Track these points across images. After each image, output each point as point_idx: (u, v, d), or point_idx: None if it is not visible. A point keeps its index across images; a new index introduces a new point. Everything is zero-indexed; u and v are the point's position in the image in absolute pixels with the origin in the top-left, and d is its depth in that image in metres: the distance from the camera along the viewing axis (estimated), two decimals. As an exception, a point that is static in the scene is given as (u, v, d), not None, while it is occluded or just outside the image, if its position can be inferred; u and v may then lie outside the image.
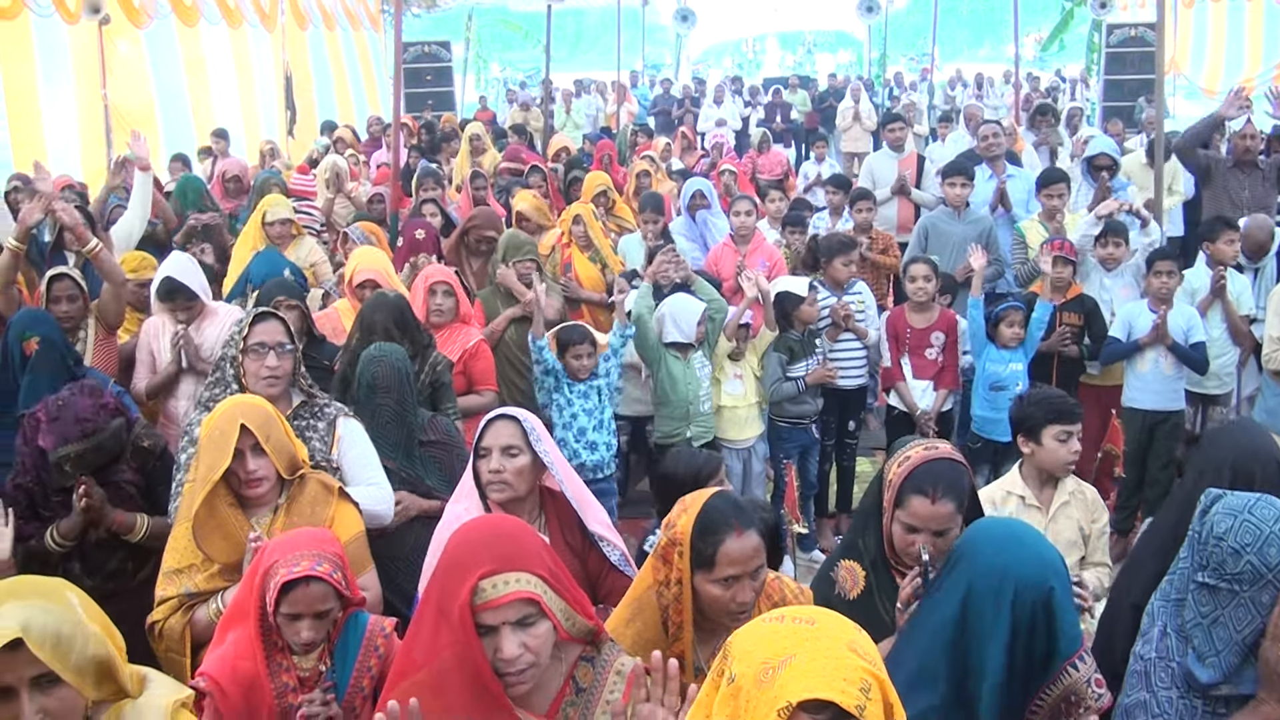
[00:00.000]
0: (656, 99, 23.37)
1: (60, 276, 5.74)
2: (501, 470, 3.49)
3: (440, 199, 8.88)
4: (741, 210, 7.91)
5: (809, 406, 6.70)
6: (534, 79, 29.91)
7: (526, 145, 13.60)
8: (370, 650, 3.18)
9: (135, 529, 4.21)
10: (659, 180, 10.35)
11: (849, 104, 18.47)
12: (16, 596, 2.18)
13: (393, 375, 4.43)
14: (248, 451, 3.47)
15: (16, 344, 4.89)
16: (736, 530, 2.79)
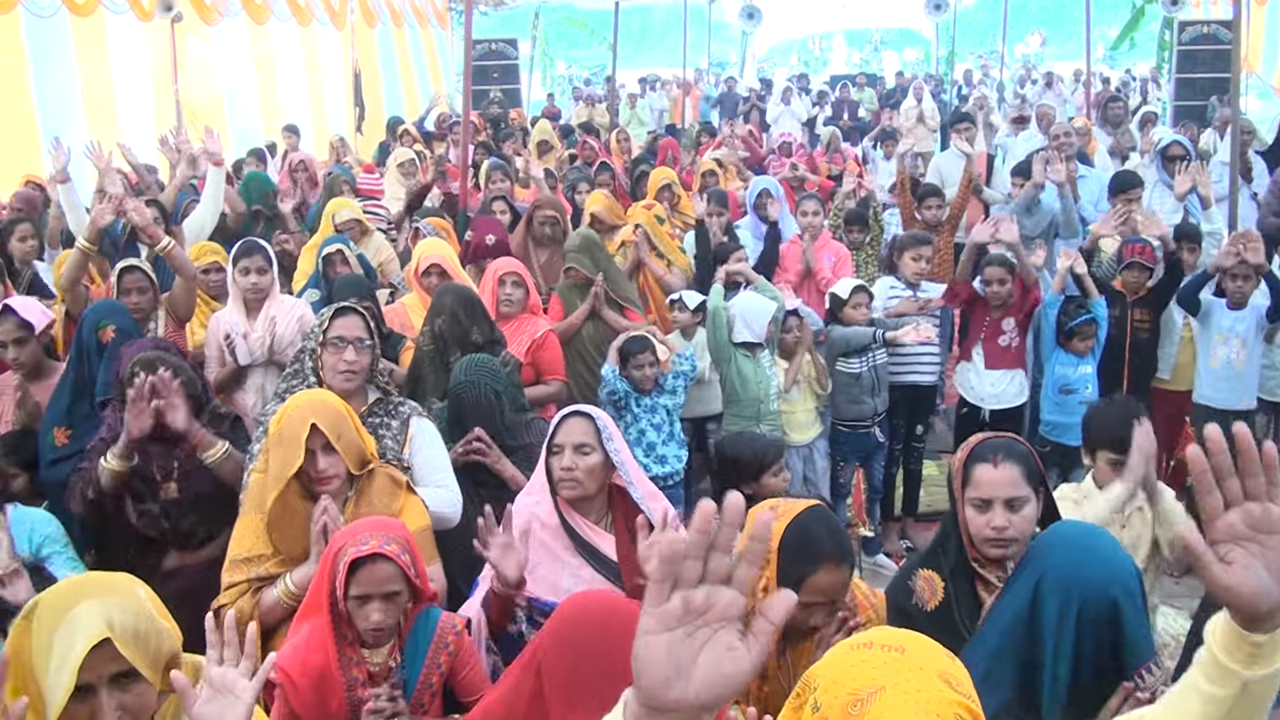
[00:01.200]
0: (721, 97, 23.27)
1: (131, 269, 5.83)
2: (573, 468, 3.48)
3: (509, 194, 8.90)
4: (809, 210, 7.86)
5: (867, 406, 6.62)
6: (598, 76, 29.96)
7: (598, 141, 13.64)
8: (441, 647, 3.18)
9: (214, 449, 4.24)
10: (726, 179, 10.31)
11: (911, 103, 18.29)
12: (90, 595, 2.19)
13: (480, 406, 4.39)
14: (318, 451, 3.48)
15: (92, 334, 4.93)
16: (830, 564, 2.77)
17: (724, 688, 1.33)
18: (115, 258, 6.73)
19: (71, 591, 2.21)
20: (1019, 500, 2.98)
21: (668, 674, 1.32)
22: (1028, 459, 3.07)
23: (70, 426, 4.83)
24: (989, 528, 2.97)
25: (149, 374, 4.12)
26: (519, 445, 4.50)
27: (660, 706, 1.33)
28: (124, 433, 4.13)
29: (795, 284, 7.58)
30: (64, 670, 2.08)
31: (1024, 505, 2.98)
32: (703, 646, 1.34)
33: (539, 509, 3.53)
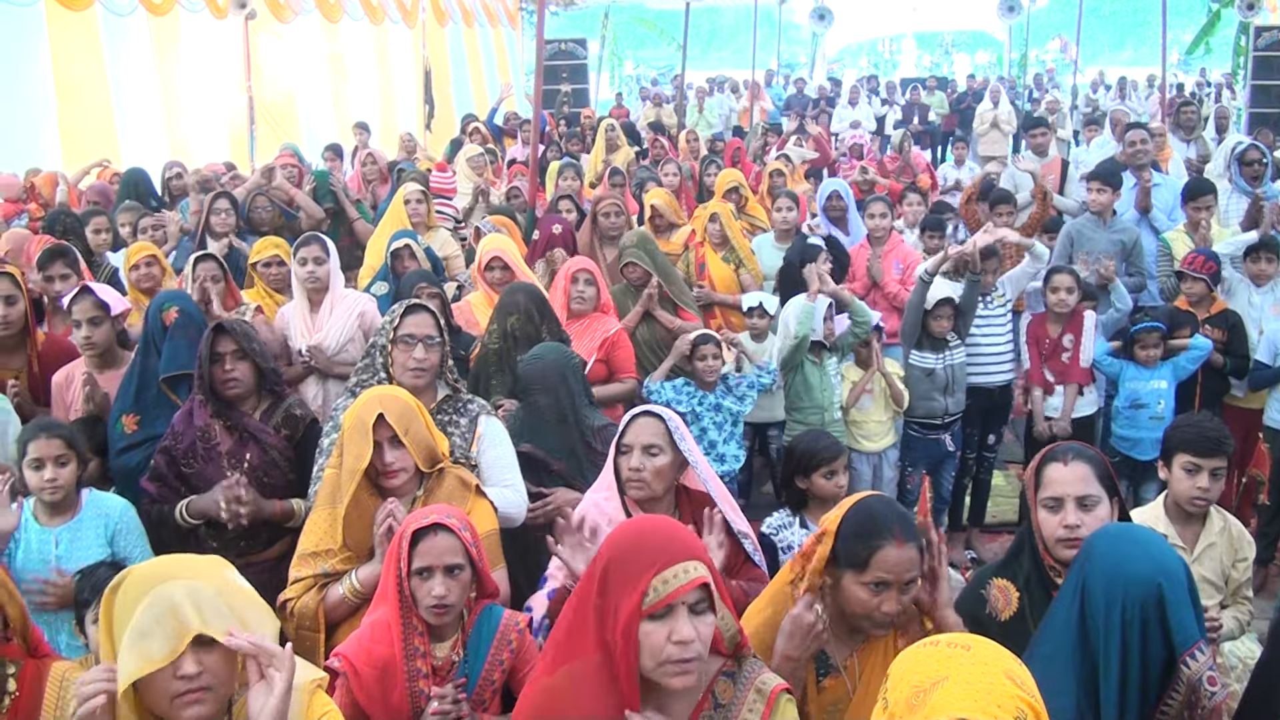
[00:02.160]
0: (790, 98, 23.15)
1: (205, 257, 5.96)
2: (641, 469, 3.47)
3: (577, 194, 8.92)
4: (876, 213, 7.79)
5: (938, 404, 6.52)
6: (666, 76, 29.95)
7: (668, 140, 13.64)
8: (503, 644, 3.20)
9: (296, 515, 4.33)
10: (794, 181, 10.26)
11: (987, 106, 18.10)
12: (175, 576, 2.25)
13: (546, 375, 4.44)
14: (385, 444, 3.50)
15: (157, 317, 4.97)
16: (898, 540, 2.73)
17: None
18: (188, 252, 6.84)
19: (160, 567, 2.28)
20: (1091, 499, 2.98)
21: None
22: (1099, 461, 3.07)
23: (139, 414, 4.88)
24: (1061, 526, 2.96)
25: (235, 331, 4.32)
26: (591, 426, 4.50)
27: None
28: (204, 506, 4.24)
29: (861, 293, 7.51)
30: (155, 641, 2.16)
31: (1096, 505, 2.98)
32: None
33: (607, 506, 3.52)
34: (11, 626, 2.83)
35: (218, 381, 4.35)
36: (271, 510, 4.32)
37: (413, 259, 6.49)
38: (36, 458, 4.05)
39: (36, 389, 5.38)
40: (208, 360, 4.32)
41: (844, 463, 4.54)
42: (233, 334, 4.36)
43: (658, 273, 6.46)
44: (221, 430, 4.37)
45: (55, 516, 4.12)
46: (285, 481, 4.43)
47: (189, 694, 2.21)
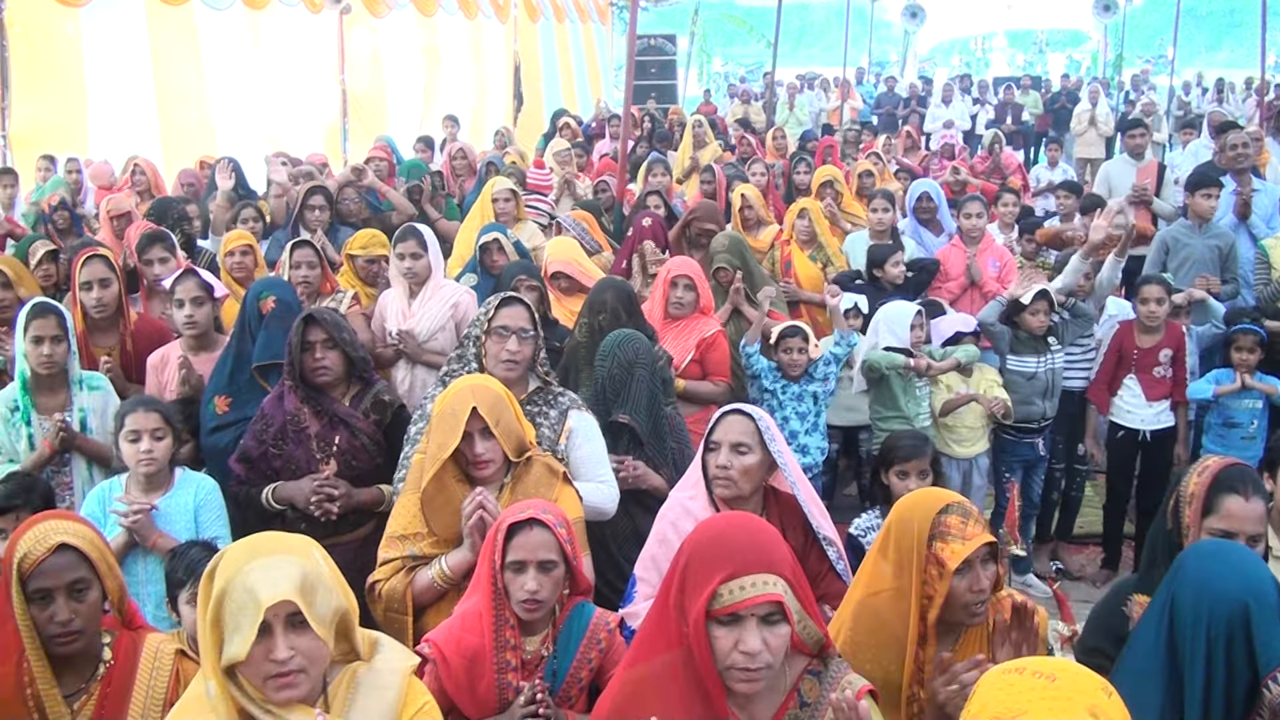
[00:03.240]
0: (880, 97, 22.94)
1: (302, 244, 6.06)
2: (729, 467, 3.45)
3: (666, 190, 8.91)
4: (972, 212, 7.69)
5: (1036, 408, 6.39)
6: (755, 73, 29.83)
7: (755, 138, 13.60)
8: (593, 643, 3.20)
9: (385, 500, 4.40)
10: (884, 180, 10.16)
11: (1085, 107, 17.78)
12: (265, 553, 2.29)
13: (649, 353, 4.48)
14: (476, 435, 3.52)
15: (254, 304, 5.09)
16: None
17: None
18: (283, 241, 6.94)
19: (253, 548, 2.31)
20: (1259, 536, 2.99)
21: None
22: (1266, 494, 3.07)
23: (231, 396, 5.00)
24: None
25: (323, 318, 4.40)
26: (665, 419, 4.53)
27: None
28: (292, 496, 4.35)
29: (957, 293, 7.42)
30: (243, 629, 2.19)
31: (1260, 541, 2.99)
32: None
33: (693, 505, 3.51)
34: (110, 600, 2.90)
35: (307, 369, 4.42)
36: (361, 499, 4.40)
37: (501, 253, 6.53)
38: (134, 430, 4.15)
39: (128, 367, 5.55)
40: (298, 348, 4.40)
41: (919, 466, 4.47)
42: (323, 324, 4.44)
43: (747, 275, 6.44)
44: (310, 415, 4.44)
45: (149, 491, 4.22)
46: (373, 466, 4.50)
47: (281, 677, 2.23)
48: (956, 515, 2.85)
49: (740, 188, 8.32)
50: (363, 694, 2.39)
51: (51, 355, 4.73)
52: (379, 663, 2.45)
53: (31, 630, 2.73)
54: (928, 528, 2.84)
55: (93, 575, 2.82)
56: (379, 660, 2.45)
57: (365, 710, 2.37)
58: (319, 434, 4.43)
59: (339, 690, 2.38)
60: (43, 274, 6.45)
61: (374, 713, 2.38)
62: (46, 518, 2.93)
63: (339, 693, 2.37)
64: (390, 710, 2.39)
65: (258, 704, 2.25)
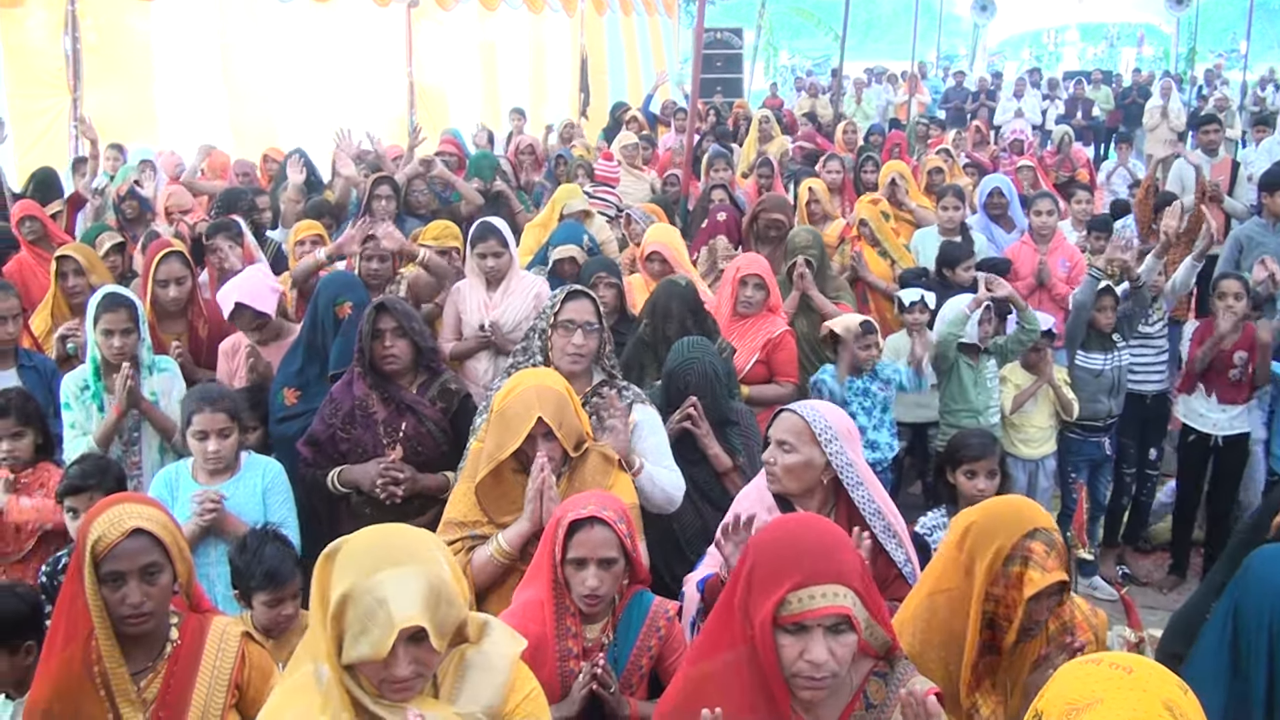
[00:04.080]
0: (949, 91, 22.74)
1: (373, 236, 6.04)
2: (773, 462, 3.47)
3: (730, 184, 8.88)
4: (1043, 209, 7.59)
5: (1102, 406, 6.32)
6: (822, 67, 29.66)
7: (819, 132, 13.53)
8: (652, 631, 3.21)
9: (448, 488, 4.40)
10: (953, 175, 10.06)
11: (1157, 102, 17.51)
12: (395, 561, 2.24)
13: (704, 380, 4.43)
14: (539, 437, 3.54)
15: (329, 307, 5.11)
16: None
17: None
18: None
19: (376, 551, 2.26)
20: None
21: None
22: None
23: (300, 388, 5.06)
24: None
25: (396, 307, 4.45)
26: (734, 422, 4.50)
27: None
28: (357, 479, 4.39)
29: (1024, 295, 7.32)
30: (370, 637, 2.17)
31: None
32: None
33: (766, 495, 3.53)
34: (179, 583, 2.94)
35: (377, 357, 4.47)
36: (426, 484, 4.44)
37: (574, 265, 6.50)
38: (201, 430, 4.20)
39: (197, 351, 5.65)
40: (369, 336, 4.43)
41: (988, 466, 4.41)
42: (394, 312, 4.48)
43: (822, 270, 6.40)
44: (378, 401, 4.49)
45: (215, 476, 4.29)
46: (439, 453, 4.54)
47: (398, 684, 2.24)
48: (1042, 543, 2.79)
49: (808, 182, 8.26)
50: (471, 676, 2.40)
51: (122, 347, 4.83)
52: (488, 646, 2.45)
53: (102, 611, 2.76)
54: (1009, 546, 2.78)
55: (165, 560, 2.85)
56: (488, 644, 2.46)
57: (474, 692, 2.39)
58: (386, 420, 4.47)
59: (448, 672, 2.40)
60: (109, 264, 6.55)
61: (482, 695, 2.39)
62: (121, 500, 2.96)
63: (448, 674, 2.39)
64: (498, 694, 2.41)
65: (371, 698, 2.25)
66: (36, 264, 6.78)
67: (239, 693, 2.94)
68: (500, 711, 2.42)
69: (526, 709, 2.46)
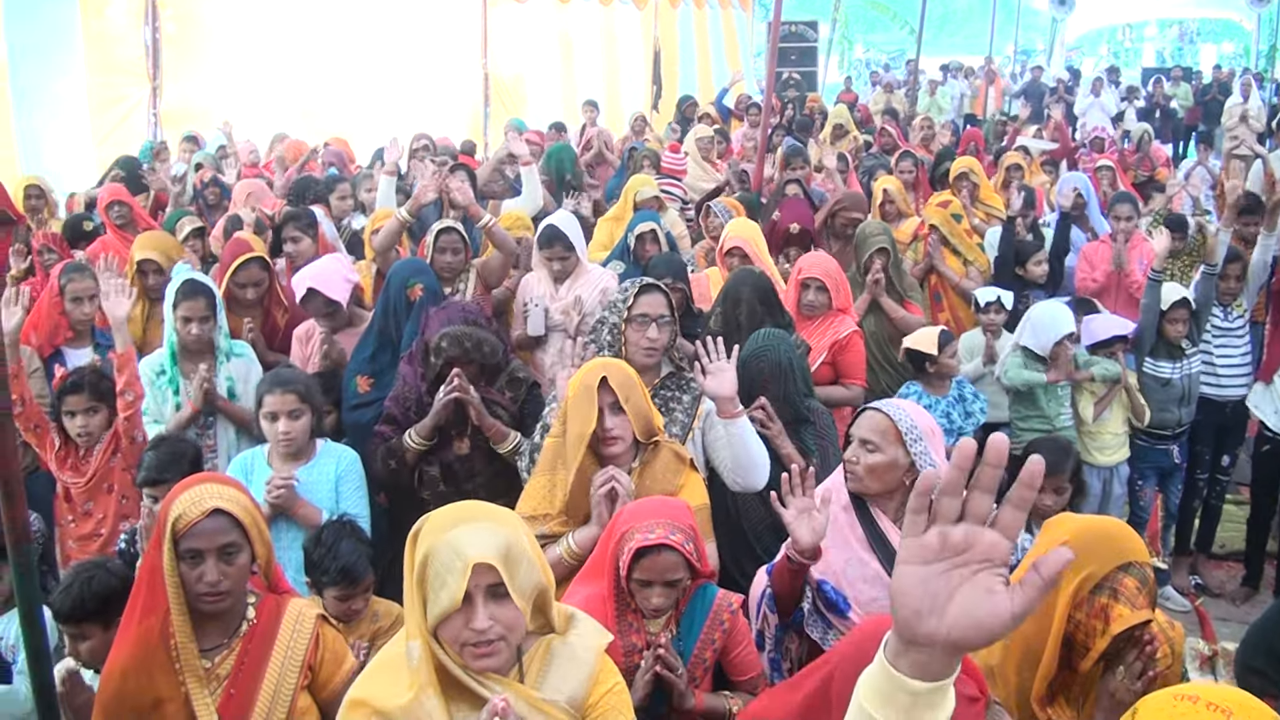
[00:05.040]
0: (1026, 86, 22.44)
1: (448, 230, 6.12)
2: (855, 461, 3.42)
3: (805, 179, 8.84)
4: (1122, 214, 7.49)
5: (1172, 415, 6.21)
6: (897, 61, 29.38)
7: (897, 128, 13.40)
8: (716, 624, 3.21)
9: (507, 440, 4.46)
10: (1031, 173, 9.93)
11: (1237, 100, 17.14)
12: (471, 519, 2.35)
13: (777, 371, 4.42)
14: (606, 409, 3.54)
15: (400, 291, 5.19)
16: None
17: (976, 630, 1.31)
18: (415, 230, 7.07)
19: (455, 513, 2.39)
20: None
21: (920, 606, 1.33)
22: None
23: (373, 375, 5.13)
24: None
25: (456, 354, 4.38)
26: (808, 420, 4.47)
27: (913, 639, 1.33)
28: (430, 417, 4.39)
29: (1102, 282, 7.22)
30: (448, 588, 2.25)
31: None
32: (960, 585, 1.33)
33: (843, 493, 3.48)
34: (258, 564, 2.99)
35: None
36: (493, 423, 4.43)
37: (655, 243, 6.52)
38: (271, 411, 4.28)
39: (272, 336, 5.75)
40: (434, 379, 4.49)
41: (1056, 484, 4.39)
42: (458, 358, 4.47)
43: (895, 266, 6.36)
44: (447, 390, 4.51)
45: (290, 462, 4.36)
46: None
47: (480, 646, 2.30)
48: (1135, 579, 2.73)
49: (882, 179, 8.21)
50: (557, 666, 2.44)
51: (199, 334, 4.94)
52: (574, 637, 2.49)
53: (178, 588, 2.82)
54: (1101, 575, 2.73)
55: (244, 540, 2.90)
56: (574, 635, 2.50)
57: (559, 682, 2.42)
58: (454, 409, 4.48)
59: (534, 661, 2.43)
60: (189, 248, 6.65)
61: (567, 685, 2.42)
62: (203, 480, 3.01)
63: (534, 663, 2.43)
64: (583, 684, 2.44)
65: (459, 666, 2.32)
66: (121, 247, 6.90)
67: (311, 674, 2.98)
68: (584, 703, 2.45)
69: (610, 702, 2.48)
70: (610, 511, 3.40)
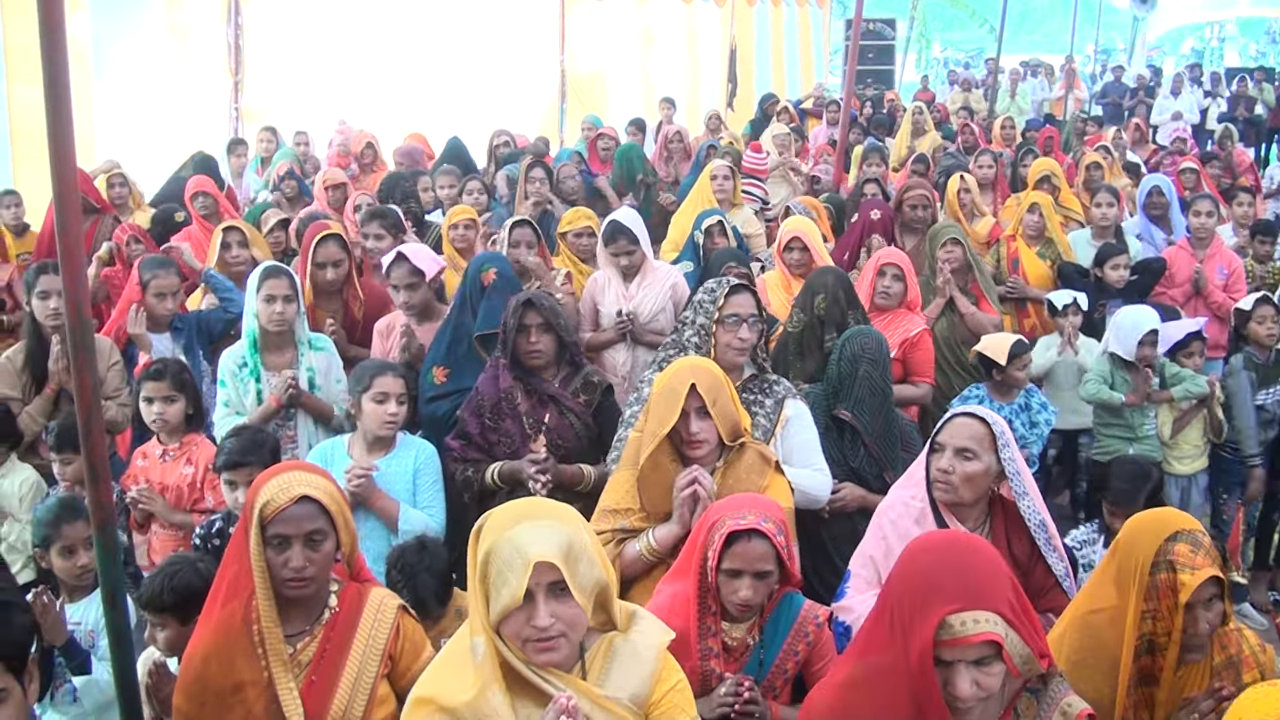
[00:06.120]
0: (1107, 86, 22.07)
1: (521, 223, 6.19)
2: (950, 471, 3.35)
3: (883, 178, 8.79)
4: (1202, 211, 7.35)
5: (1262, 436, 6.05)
6: (975, 59, 29.07)
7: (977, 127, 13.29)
8: (800, 635, 3.17)
9: (585, 480, 4.48)
10: (1112, 174, 9.78)
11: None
12: (533, 516, 2.39)
13: (878, 349, 4.42)
14: (693, 413, 3.52)
15: (476, 278, 5.22)
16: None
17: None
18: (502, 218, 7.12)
19: (518, 509, 2.44)
20: None
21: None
22: None
23: (449, 367, 5.16)
24: None
25: (541, 304, 4.48)
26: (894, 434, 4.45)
27: None
28: (513, 474, 4.45)
29: (1180, 301, 7.10)
30: (509, 585, 2.29)
31: None
32: None
33: (913, 505, 3.44)
34: (342, 552, 3.04)
35: (521, 351, 4.53)
36: (563, 476, 4.45)
37: (723, 236, 6.53)
38: (383, 392, 4.35)
39: (351, 329, 5.82)
40: (514, 331, 4.50)
41: (1130, 512, 4.32)
42: (540, 308, 4.53)
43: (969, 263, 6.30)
44: (522, 393, 4.55)
45: (370, 452, 4.42)
46: (579, 446, 4.57)
47: (541, 641, 2.33)
48: (1186, 544, 2.73)
49: (959, 175, 8.13)
50: (619, 663, 2.46)
51: (284, 314, 4.98)
52: (635, 635, 2.51)
53: (265, 573, 2.86)
54: (1153, 554, 2.74)
55: (330, 528, 2.94)
56: (635, 633, 2.52)
57: (621, 679, 2.44)
58: (528, 411, 4.53)
59: (596, 658, 2.46)
60: (273, 240, 6.76)
61: (629, 682, 2.44)
62: (292, 468, 3.07)
63: (596, 660, 2.45)
64: (645, 682, 2.46)
65: (522, 662, 2.35)
66: (205, 238, 7.03)
67: (391, 663, 3.01)
68: (646, 700, 2.46)
69: (673, 700, 2.50)
70: (692, 512, 3.39)
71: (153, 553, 4.74)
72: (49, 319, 5.33)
